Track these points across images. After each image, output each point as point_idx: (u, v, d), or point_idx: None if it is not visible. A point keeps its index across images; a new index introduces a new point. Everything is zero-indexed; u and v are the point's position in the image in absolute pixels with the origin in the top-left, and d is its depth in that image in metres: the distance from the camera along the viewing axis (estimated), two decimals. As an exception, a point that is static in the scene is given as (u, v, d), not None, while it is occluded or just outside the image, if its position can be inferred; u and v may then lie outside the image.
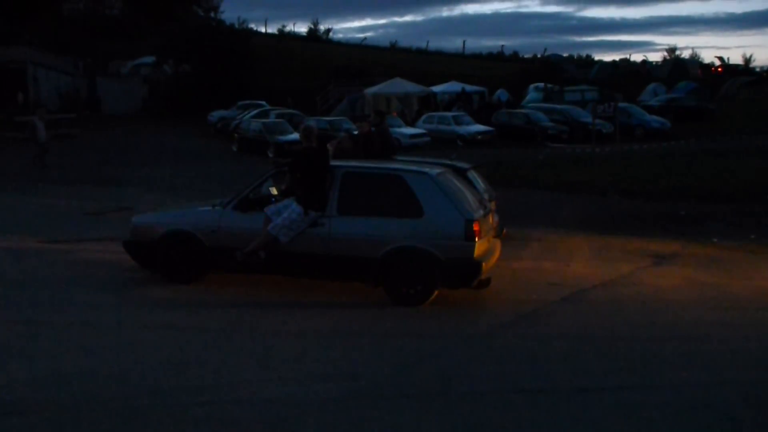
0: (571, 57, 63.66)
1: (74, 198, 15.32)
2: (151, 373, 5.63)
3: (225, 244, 8.16)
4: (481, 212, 8.16)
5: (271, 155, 23.72)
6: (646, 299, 8.41)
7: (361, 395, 5.32)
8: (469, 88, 38.59)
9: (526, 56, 64.15)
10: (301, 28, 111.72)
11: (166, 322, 7.13)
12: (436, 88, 38.30)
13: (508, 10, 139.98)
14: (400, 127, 27.94)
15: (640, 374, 5.94)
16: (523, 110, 33.00)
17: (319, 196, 8.01)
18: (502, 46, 76.08)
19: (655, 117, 31.77)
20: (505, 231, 10.52)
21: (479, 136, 28.80)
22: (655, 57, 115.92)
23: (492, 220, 8.92)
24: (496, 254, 8.42)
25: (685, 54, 66.75)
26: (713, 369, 6.10)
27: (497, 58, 64.68)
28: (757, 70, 59.08)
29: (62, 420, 4.79)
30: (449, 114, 31.45)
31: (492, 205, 9.46)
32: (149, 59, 44.39)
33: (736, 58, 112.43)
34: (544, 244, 11.66)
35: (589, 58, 67.57)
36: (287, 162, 8.65)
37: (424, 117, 31.30)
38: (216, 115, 34.08)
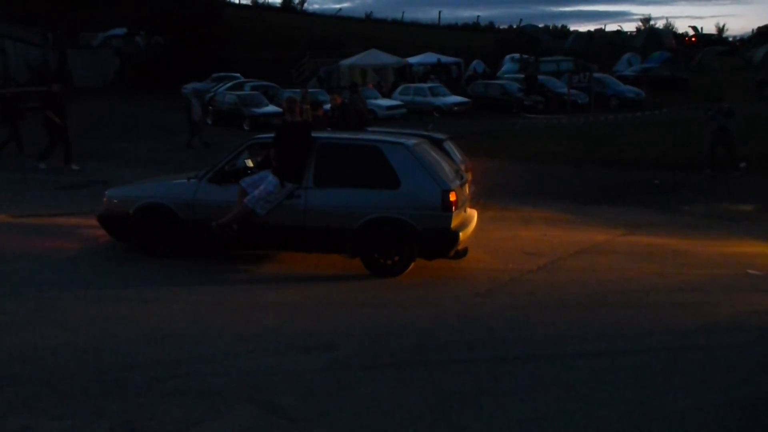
0: (546, 27, 63.53)
1: (47, 172, 15.09)
2: (127, 347, 5.60)
3: (200, 217, 8.10)
4: (458, 183, 8.18)
5: (246, 128, 23.50)
6: (620, 267, 8.52)
7: (338, 365, 5.35)
8: (444, 59, 38.43)
9: (501, 27, 63.95)
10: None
11: (141, 295, 7.09)
12: (412, 60, 38.09)
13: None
14: (376, 98, 27.80)
15: (614, 340, 6.03)
16: (498, 81, 32.97)
17: (296, 168, 7.96)
18: (478, 16, 75.73)
19: (629, 87, 31.92)
20: (481, 201, 10.55)
21: (456, 108, 28.76)
22: (630, 27, 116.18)
23: (468, 190, 8.94)
24: (473, 224, 8.46)
25: (660, 24, 66.95)
26: (685, 334, 6.21)
27: (473, 28, 64.41)
28: (730, 39, 59.48)
29: (38, 394, 4.76)
30: (425, 85, 31.34)
31: (468, 176, 9.48)
32: (120, 31, 43.55)
33: (709, 28, 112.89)
34: (520, 214, 11.73)
35: (564, 28, 67.60)
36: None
37: (400, 88, 31.16)
38: (190, 87, 33.62)
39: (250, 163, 8.85)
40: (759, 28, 55.96)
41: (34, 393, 4.78)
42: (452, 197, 7.69)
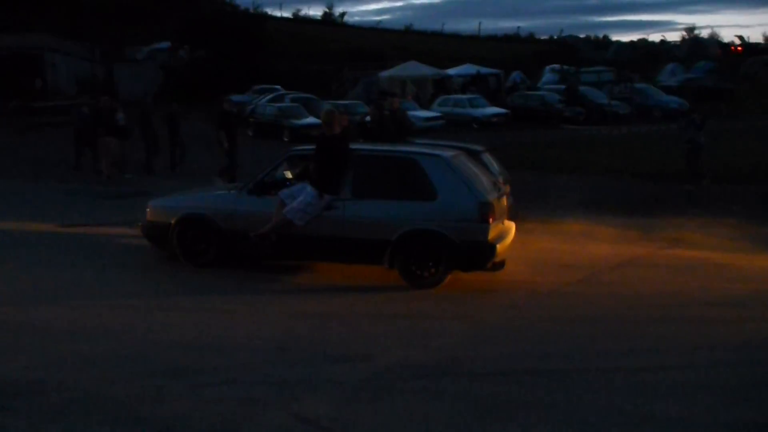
0: (587, 38, 63.08)
1: (91, 182, 15.45)
2: (167, 354, 5.72)
3: (240, 228, 8.23)
4: (495, 195, 8.17)
5: (286, 140, 23.75)
6: (660, 281, 8.40)
7: (374, 376, 5.38)
8: (484, 70, 38.36)
9: (542, 38, 63.73)
10: (317, 12, 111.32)
11: (182, 304, 7.23)
12: (451, 71, 38.10)
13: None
14: (414, 110, 27.86)
15: (652, 355, 5.95)
16: (538, 92, 32.80)
17: (335, 180, 8.04)
18: (518, 27, 75.56)
19: (673, 97, 31.44)
20: (520, 214, 10.50)
21: (494, 119, 28.67)
22: (674, 37, 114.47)
23: (506, 202, 8.92)
24: (511, 237, 8.43)
25: (705, 33, 65.92)
26: (727, 350, 6.09)
27: (513, 39, 64.25)
28: (778, 49, 58.17)
29: (81, 400, 4.89)
30: (464, 97, 31.32)
31: (506, 188, 9.45)
32: (165, 45, 44.47)
33: (756, 36, 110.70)
34: (559, 226, 11.62)
35: (606, 38, 67.00)
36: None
37: (439, 100, 31.18)
38: (233, 100, 34.11)
39: (289, 175, 8.97)
40: (808, 37, 54.66)
41: (78, 399, 4.91)
42: (489, 209, 7.68)
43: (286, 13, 69.30)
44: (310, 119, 24.95)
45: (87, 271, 8.32)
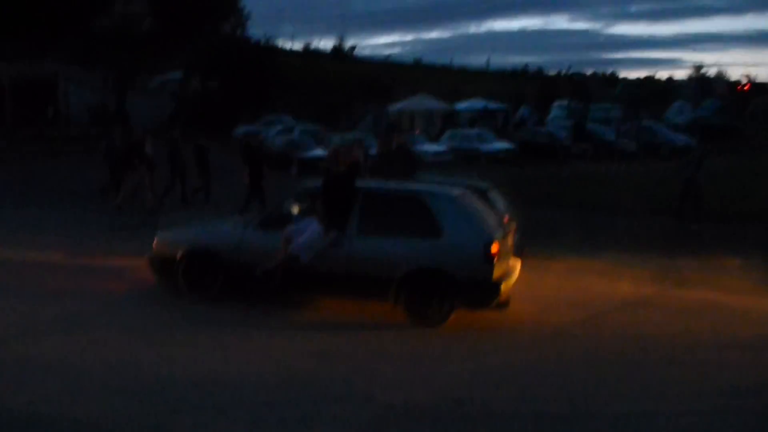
0: (595, 74, 63.59)
1: (100, 211, 15.53)
2: (171, 390, 5.71)
3: (246, 262, 8.25)
4: (500, 233, 8.18)
5: (294, 171, 23.86)
6: (668, 322, 8.35)
7: (376, 416, 5.35)
8: (492, 105, 38.63)
9: (550, 73, 64.23)
10: (328, 44, 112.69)
11: (186, 338, 7.22)
12: (460, 105, 38.40)
13: (536, 27, 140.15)
14: (423, 143, 28.02)
15: (659, 400, 5.90)
16: (546, 128, 32.97)
17: (341, 217, 8.08)
18: (527, 64, 75.96)
19: (680, 135, 31.54)
20: (526, 250, 10.48)
21: (502, 154, 28.80)
22: (682, 75, 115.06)
23: (512, 240, 8.92)
24: (516, 275, 8.42)
25: (712, 72, 66.19)
26: (731, 395, 6.03)
27: (521, 75, 64.75)
28: (786, 87, 58.21)
29: (84, 435, 4.89)
30: (472, 131, 31.50)
31: (512, 225, 9.46)
32: (177, 74, 45.01)
33: (765, 76, 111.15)
34: (565, 264, 11.60)
35: (613, 75, 67.48)
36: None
37: (447, 134, 31.37)
38: (242, 130, 34.42)
39: (296, 210, 9.00)
40: (816, 76, 54.94)
41: (81, 434, 4.91)
42: (494, 248, 7.69)
43: (298, 46, 70.04)
44: (318, 151, 25.13)
45: (92, 303, 8.34)
